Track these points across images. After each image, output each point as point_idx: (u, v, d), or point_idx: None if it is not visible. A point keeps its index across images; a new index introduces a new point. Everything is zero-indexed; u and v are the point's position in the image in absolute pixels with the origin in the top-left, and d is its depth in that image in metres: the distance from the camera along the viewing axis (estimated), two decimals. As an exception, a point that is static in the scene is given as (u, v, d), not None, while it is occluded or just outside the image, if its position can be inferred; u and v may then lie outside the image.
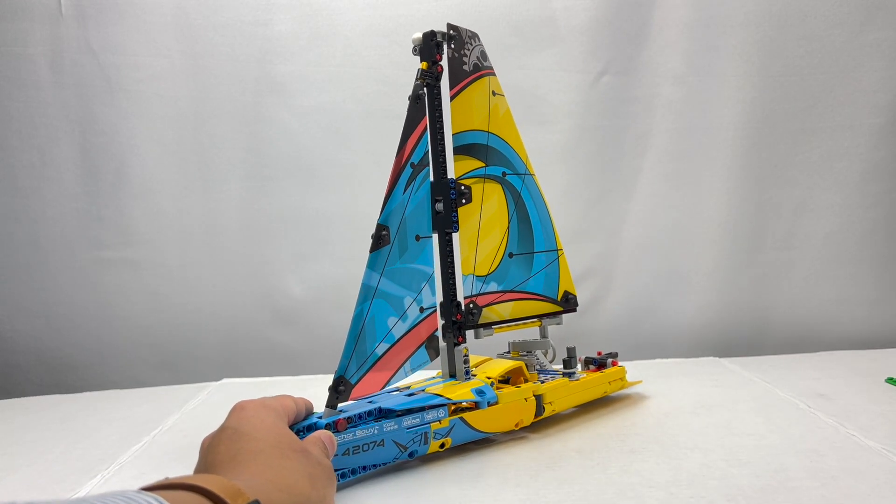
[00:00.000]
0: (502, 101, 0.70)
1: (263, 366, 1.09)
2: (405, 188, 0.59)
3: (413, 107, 0.61)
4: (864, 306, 1.12)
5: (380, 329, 0.57)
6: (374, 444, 0.54)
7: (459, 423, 0.60)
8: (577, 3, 1.06)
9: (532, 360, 0.72)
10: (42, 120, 1.03)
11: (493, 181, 0.67)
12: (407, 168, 0.59)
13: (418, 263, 0.61)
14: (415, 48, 0.64)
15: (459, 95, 0.65)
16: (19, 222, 1.05)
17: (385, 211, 0.58)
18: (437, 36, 0.63)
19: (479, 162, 0.66)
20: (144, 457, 0.65)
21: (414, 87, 0.61)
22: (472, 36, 0.67)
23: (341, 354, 0.55)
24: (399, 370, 0.59)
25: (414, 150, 0.60)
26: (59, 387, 1.06)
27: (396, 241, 0.59)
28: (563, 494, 0.51)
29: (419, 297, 0.61)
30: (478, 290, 0.66)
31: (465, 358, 0.65)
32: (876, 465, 0.54)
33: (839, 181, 1.10)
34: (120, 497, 0.27)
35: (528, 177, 0.71)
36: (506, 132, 0.69)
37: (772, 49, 1.06)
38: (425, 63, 0.63)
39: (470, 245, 0.65)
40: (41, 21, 1.01)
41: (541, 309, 0.72)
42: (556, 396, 0.68)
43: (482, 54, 0.68)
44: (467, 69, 0.66)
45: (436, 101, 0.63)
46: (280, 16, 1.05)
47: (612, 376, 0.76)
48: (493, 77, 0.69)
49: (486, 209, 0.66)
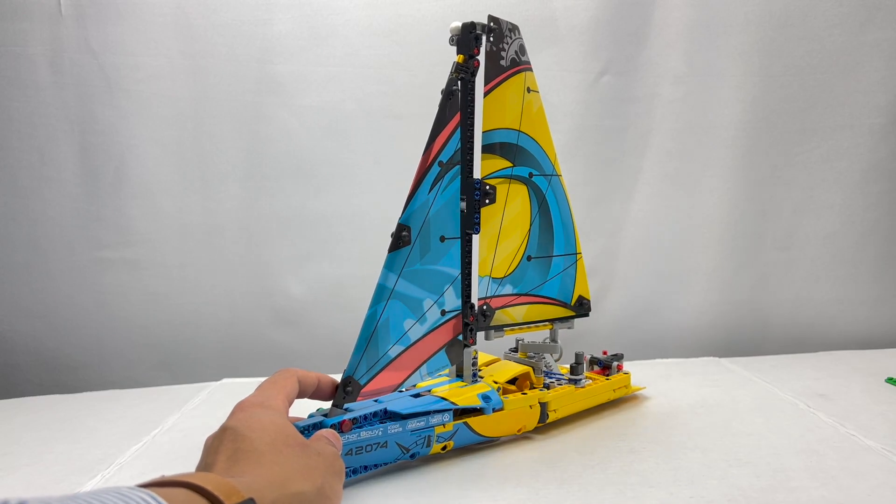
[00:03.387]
0: (536, 98, 0.67)
1: (263, 366, 1.09)
2: (431, 187, 0.57)
3: (445, 102, 0.58)
4: (864, 306, 1.12)
5: (394, 331, 0.56)
6: (378, 445, 0.54)
7: (463, 427, 0.60)
8: (577, 3, 1.06)
9: (540, 363, 0.72)
10: (41, 120, 1.03)
11: (518, 182, 0.66)
12: (434, 167, 0.57)
13: (442, 265, 0.59)
14: (452, 38, 0.61)
15: (494, 91, 0.62)
16: (19, 222, 1.05)
17: (407, 210, 0.56)
18: (477, 28, 0.60)
19: (507, 162, 0.64)
20: (144, 457, 0.65)
21: (448, 81, 0.58)
22: (513, 28, 0.64)
23: (351, 354, 0.55)
24: (414, 373, 0.58)
25: (443, 148, 0.57)
26: (58, 387, 1.06)
27: (418, 242, 0.57)
28: (563, 494, 0.51)
29: (441, 300, 0.59)
30: (493, 293, 0.64)
31: (474, 360, 0.65)
32: (876, 465, 0.54)
33: (839, 181, 1.10)
34: (114, 493, 0.27)
35: (554, 178, 0.69)
36: (537, 131, 0.67)
37: (772, 49, 1.06)
38: (461, 56, 0.60)
39: (489, 246, 0.64)
40: (41, 21, 1.01)
41: (554, 313, 0.70)
42: (560, 404, 0.68)
43: (521, 48, 0.65)
44: (504, 64, 0.63)
45: (469, 97, 0.60)
46: (280, 16, 1.05)
47: (616, 384, 0.75)
48: (529, 72, 0.66)
49: (509, 210, 0.65)
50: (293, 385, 0.51)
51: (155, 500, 0.27)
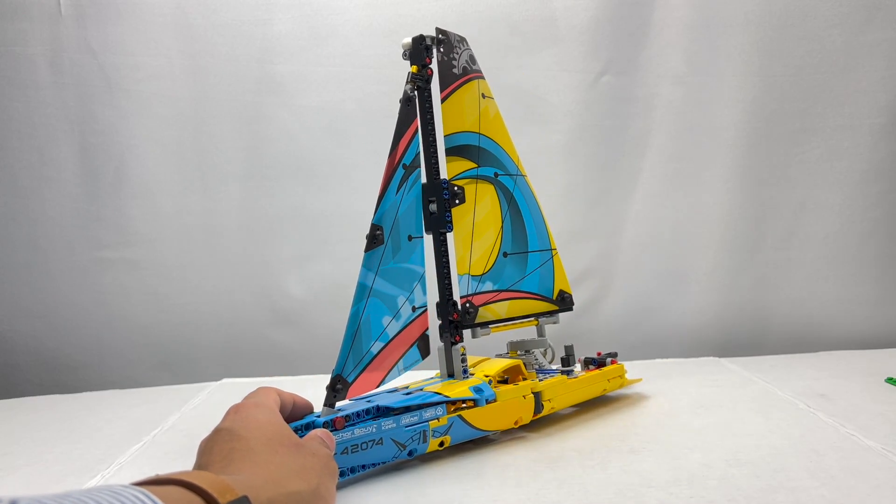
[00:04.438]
0: (492, 104, 0.70)
1: (263, 366, 1.09)
2: (398, 189, 0.60)
3: (404, 109, 0.61)
4: (864, 306, 1.12)
5: (375, 328, 0.58)
6: (373, 442, 0.54)
7: (458, 420, 0.60)
8: (577, 3, 1.06)
9: (530, 359, 0.72)
10: (41, 120, 1.03)
11: (485, 182, 0.68)
12: (399, 169, 0.60)
13: (410, 263, 0.61)
14: (405, 52, 0.65)
15: (450, 98, 0.66)
16: (19, 222, 1.05)
17: (379, 211, 0.59)
18: (427, 40, 0.64)
19: (472, 163, 0.67)
20: (144, 457, 0.65)
21: (404, 89, 0.62)
22: (461, 40, 0.68)
23: (339, 353, 0.56)
24: (392, 369, 0.60)
25: (406, 151, 0.61)
26: (58, 387, 1.06)
27: (390, 241, 0.60)
28: (563, 494, 0.51)
29: (412, 297, 0.62)
30: (474, 290, 0.66)
31: (463, 357, 0.65)
32: (876, 465, 0.54)
33: (839, 181, 1.10)
34: (107, 492, 0.27)
35: (519, 177, 0.72)
36: (497, 134, 0.70)
37: (772, 49, 1.06)
38: (415, 66, 0.64)
39: (465, 245, 0.66)
40: (40, 21, 1.01)
41: (536, 308, 0.72)
42: (554, 394, 0.68)
43: (471, 58, 0.69)
44: (457, 72, 0.67)
45: (427, 104, 0.64)
46: (280, 16, 1.05)
47: (610, 374, 0.75)
48: (482, 80, 0.70)
49: (479, 209, 0.67)
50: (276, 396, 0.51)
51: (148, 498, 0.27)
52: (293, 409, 0.54)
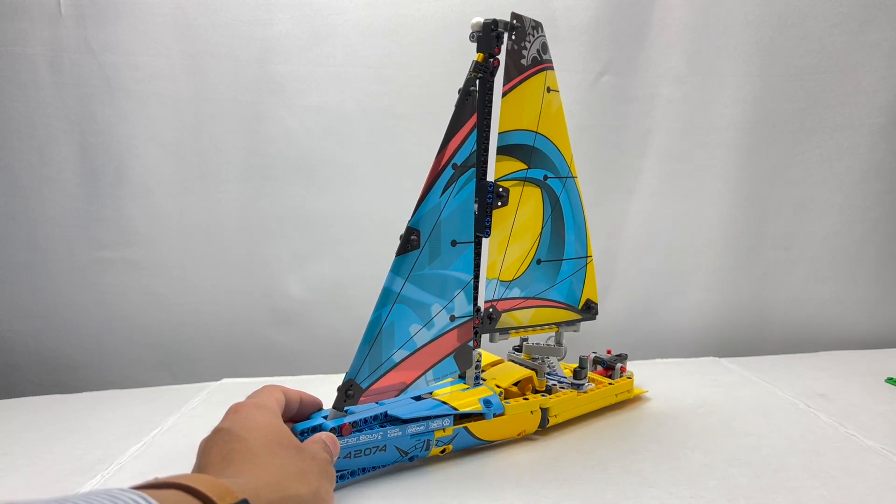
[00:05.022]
0: (556, 98, 0.65)
1: (263, 366, 1.09)
2: (443, 190, 0.55)
3: (462, 103, 0.55)
4: (864, 306, 1.12)
5: (400, 335, 0.55)
6: (377, 448, 0.54)
7: (463, 431, 0.59)
8: (577, 3, 1.06)
9: (543, 367, 0.72)
10: (41, 120, 1.03)
11: (532, 185, 0.64)
12: (448, 169, 0.55)
13: (452, 270, 0.57)
14: (472, 34, 0.58)
15: (512, 92, 0.60)
16: (19, 222, 1.05)
17: (417, 214, 0.55)
18: (499, 26, 0.58)
19: (522, 164, 0.63)
20: (144, 457, 0.65)
21: (465, 80, 0.56)
22: (536, 26, 0.62)
23: (354, 357, 0.54)
24: (419, 378, 0.57)
25: (458, 150, 0.55)
26: (58, 387, 1.06)
27: (427, 246, 0.55)
28: (563, 494, 0.51)
29: (450, 305, 0.58)
30: (500, 296, 0.63)
31: (477, 364, 0.64)
32: (876, 465, 0.54)
33: (839, 181, 1.10)
34: (105, 495, 0.26)
35: (569, 180, 0.68)
36: (554, 132, 0.66)
37: (772, 49, 1.06)
38: (481, 55, 0.57)
39: (499, 249, 0.63)
40: (40, 21, 1.01)
41: (560, 317, 0.70)
42: (562, 409, 0.68)
43: (543, 46, 0.63)
44: (525, 63, 0.61)
45: (487, 98, 0.58)
46: (280, 16, 1.05)
47: (619, 389, 0.75)
48: (550, 71, 0.64)
49: (520, 213, 0.63)
50: (280, 396, 0.51)
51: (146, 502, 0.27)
52: (300, 407, 0.54)
